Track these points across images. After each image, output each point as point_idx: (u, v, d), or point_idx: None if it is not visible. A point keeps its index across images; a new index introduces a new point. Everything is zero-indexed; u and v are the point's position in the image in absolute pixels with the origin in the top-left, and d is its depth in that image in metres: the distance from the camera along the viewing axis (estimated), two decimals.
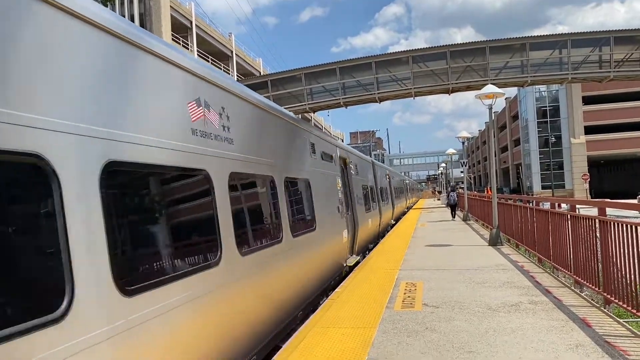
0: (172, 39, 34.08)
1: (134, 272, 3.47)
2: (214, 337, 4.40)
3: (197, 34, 39.16)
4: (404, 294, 7.99)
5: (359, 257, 12.72)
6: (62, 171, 2.82)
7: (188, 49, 37.00)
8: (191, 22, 38.29)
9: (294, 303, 7.15)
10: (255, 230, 5.79)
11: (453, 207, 27.68)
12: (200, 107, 4.62)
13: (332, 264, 9.97)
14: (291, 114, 8.67)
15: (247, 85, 7.36)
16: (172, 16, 34.91)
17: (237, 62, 47.06)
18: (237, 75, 45.23)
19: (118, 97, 3.46)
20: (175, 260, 3.95)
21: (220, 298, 4.57)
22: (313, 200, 8.69)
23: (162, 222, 3.95)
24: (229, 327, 4.77)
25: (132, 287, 3.33)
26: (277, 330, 6.27)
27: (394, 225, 25.17)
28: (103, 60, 3.34)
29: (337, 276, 10.53)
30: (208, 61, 38.47)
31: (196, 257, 4.28)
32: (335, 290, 8.62)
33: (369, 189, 17.55)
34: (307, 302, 7.92)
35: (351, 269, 11.28)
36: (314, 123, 59.09)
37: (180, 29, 37.43)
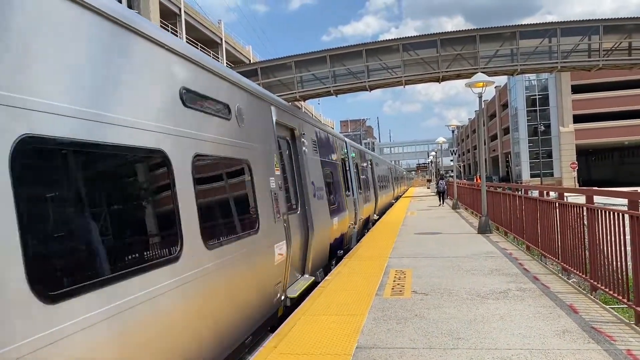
0: (161, 26, 33.69)
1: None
2: None
3: (186, 20, 38.71)
4: (394, 281, 8.03)
5: (312, 279, 8.57)
6: None
7: (177, 35, 36.63)
8: (180, 9, 37.84)
9: None
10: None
11: (442, 194, 30.77)
12: None
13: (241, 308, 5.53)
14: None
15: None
16: (160, 2, 34.46)
17: (226, 49, 46.63)
18: (226, 63, 44.84)
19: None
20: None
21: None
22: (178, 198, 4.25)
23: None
24: None
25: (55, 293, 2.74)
26: None
27: (376, 221, 20.73)
28: None
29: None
30: (197, 48, 38.11)
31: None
32: (325, 278, 8.64)
33: (340, 176, 13.13)
34: None
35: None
36: (305, 111, 58.91)
37: (169, 16, 36.96)
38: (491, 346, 4.85)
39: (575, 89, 63.76)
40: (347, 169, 14.85)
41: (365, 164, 20.20)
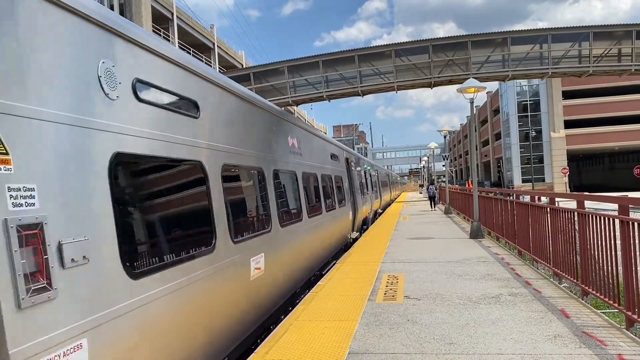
0: (153, 30, 33.64)
1: None
2: None
3: (178, 25, 38.67)
4: (386, 286, 8.02)
5: None
6: None
7: (169, 40, 36.56)
8: (172, 13, 37.80)
9: None
10: None
11: (432, 199, 31.95)
12: None
13: None
14: None
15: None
16: (152, 7, 34.43)
17: (219, 54, 46.60)
18: (219, 67, 44.82)
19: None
20: None
21: None
22: None
23: None
24: None
25: None
26: None
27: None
28: None
29: None
30: (190, 53, 38.03)
31: None
32: (318, 283, 8.62)
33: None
34: None
35: None
36: (297, 116, 58.90)
37: (161, 20, 36.92)
38: (483, 351, 4.85)
39: (566, 95, 64.27)
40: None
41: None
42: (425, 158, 70.21)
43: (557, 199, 8.64)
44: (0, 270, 2.54)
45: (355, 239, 15.57)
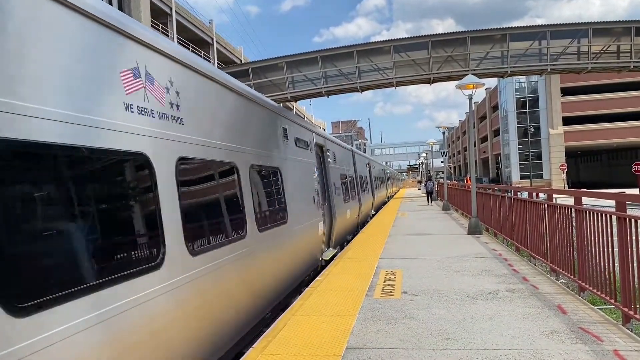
0: (152, 25, 33.54)
1: None
2: None
3: (177, 20, 38.53)
4: (384, 282, 8.05)
5: None
6: None
7: (168, 35, 36.47)
8: (171, 9, 37.69)
9: None
10: None
11: (430, 194, 32.77)
12: None
13: None
14: None
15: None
16: (151, 2, 34.31)
17: (217, 49, 46.48)
18: (217, 63, 44.71)
19: None
20: None
21: None
22: None
23: None
24: None
25: None
26: None
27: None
28: None
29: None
30: (188, 48, 37.93)
31: None
32: (316, 279, 8.64)
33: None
34: None
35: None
36: (296, 112, 58.83)
37: (160, 15, 36.80)
38: (480, 346, 4.87)
39: (565, 92, 64.26)
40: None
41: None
42: (424, 154, 70.23)
43: (554, 196, 8.67)
44: None
45: (330, 260, 10.86)
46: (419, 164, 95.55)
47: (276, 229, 7.43)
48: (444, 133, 34.55)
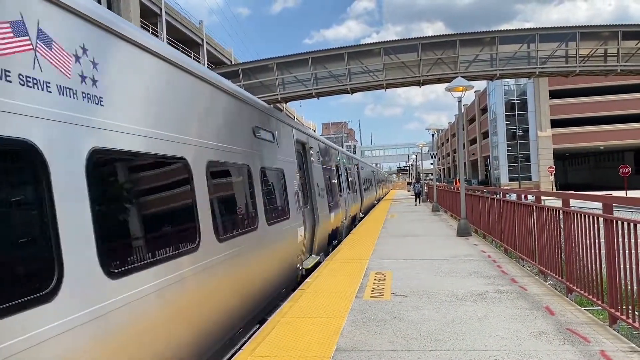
0: (141, 25, 33.35)
1: None
2: None
3: (167, 21, 38.37)
4: (374, 283, 8.06)
5: None
6: None
7: (157, 35, 36.29)
8: (160, 9, 37.52)
9: None
10: None
11: (417, 195, 34.45)
12: None
13: None
14: None
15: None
16: (141, 2, 34.14)
17: (208, 50, 46.34)
18: (208, 64, 44.56)
19: None
20: None
21: None
22: None
23: None
24: None
25: None
26: None
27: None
28: None
29: None
30: (178, 49, 37.77)
31: None
32: (306, 280, 8.63)
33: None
34: None
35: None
36: (286, 113, 58.76)
37: (150, 16, 36.63)
38: (469, 348, 4.89)
39: (553, 94, 64.84)
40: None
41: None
42: (414, 156, 70.45)
43: (543, 198, 8.73)
44: None
45: (312, 269, 9.98)
46: (409, 166, 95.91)
47: (242, 236, 6.41)
48: (433, 135, 34.66)
